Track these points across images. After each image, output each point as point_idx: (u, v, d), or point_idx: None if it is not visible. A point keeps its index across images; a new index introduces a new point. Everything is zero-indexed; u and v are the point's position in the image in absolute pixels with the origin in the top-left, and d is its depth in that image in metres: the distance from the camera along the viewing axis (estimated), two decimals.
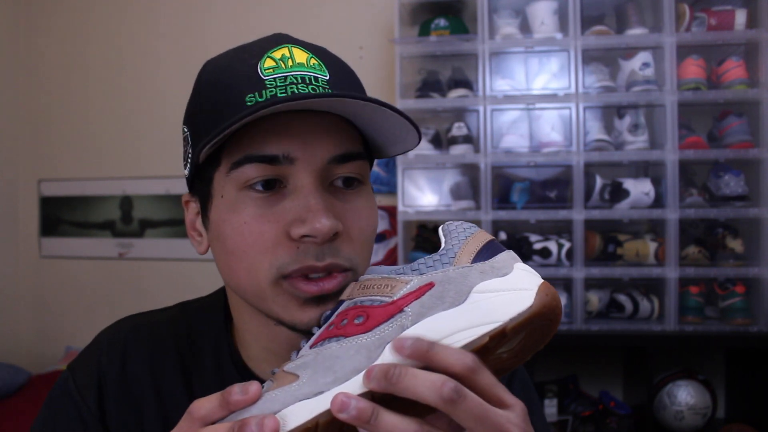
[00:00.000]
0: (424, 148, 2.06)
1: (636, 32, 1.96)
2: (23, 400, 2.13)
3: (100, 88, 2.65)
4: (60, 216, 2.71)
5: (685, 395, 1.91)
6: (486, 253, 0.47)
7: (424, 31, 2.10)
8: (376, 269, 0.49)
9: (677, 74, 1.92)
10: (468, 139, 2.05)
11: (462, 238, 0.48)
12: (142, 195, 2.62)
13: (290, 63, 0.54)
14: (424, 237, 2.08)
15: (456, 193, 2.08)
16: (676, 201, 1.89)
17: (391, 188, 2.33)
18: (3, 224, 2.67)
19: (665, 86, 1.92)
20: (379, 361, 0.43)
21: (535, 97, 2.02)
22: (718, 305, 1.92)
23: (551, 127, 2.01)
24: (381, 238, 2.36)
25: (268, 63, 0.54)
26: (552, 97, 2.00)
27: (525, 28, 2.05)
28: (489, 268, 0.46)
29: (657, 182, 1.94)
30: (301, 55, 0.55)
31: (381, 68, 2.36)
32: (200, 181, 0.58)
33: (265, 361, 0.63)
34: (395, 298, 0.45)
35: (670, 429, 1.94)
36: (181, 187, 2.94)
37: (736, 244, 1.91)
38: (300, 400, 0.42)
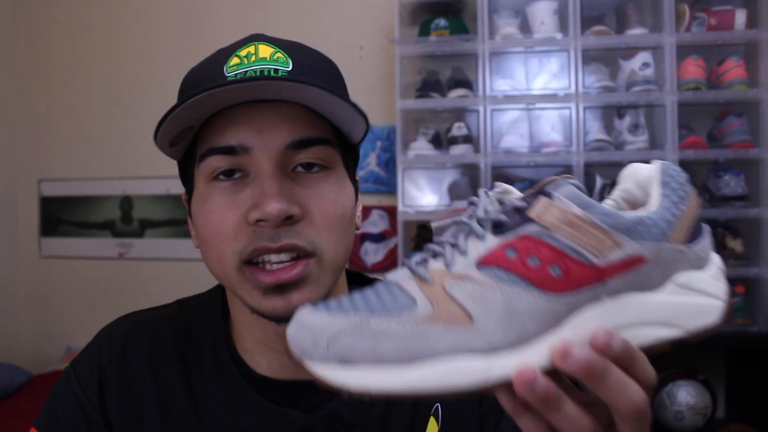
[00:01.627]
0: (424, 148, 2.06)
1: (636, 32, 1.96)
2: (23, 400, 2.13)
3: (100, 88, 2.65)
4: (60, 216, 2.71)
5: (685, 395, 1.91)
6: (696, 229, 0.41)
7: (424, 31, 2.10)
8: (578, 196, 0.38)
9: (677, 74, 1.92)
10: (468, 139, 2.05)
11: (681, 200, 0.40)
12: (142, 195, 2.62)
13: (253, 59, 0.56)
14: (424, 237, 2.08)
15: (454, 193, 2.08)
16: None
17: (390, 188, 2.33)
18: (3, 224, 2.67)
19: (665, 86, 1.91)
20: (566, 332, 0.36)
21: (535, 97, 2.02)
22: None
23: (551, 127, 2.01)
24: (381, 238, 2.36)
25: (234, 61, 0.57)
26: (552, 97, 2.00)
27: (525, 28, 2.05)
28: (695, 258, 0.40)
29: None
30: (265, 51, 0.57)
31: (381, 68, 2.36)
32: (186, 178, 0.62)
33: (259, 354, 0.64)
34: (603, 264, 0.37)
35: (670, 429, 1.94)
36: (181, 187, 2.91)
37: (736, 244, 1.91)
38: (471, 353, 0.35)
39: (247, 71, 0.55)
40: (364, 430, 0.64)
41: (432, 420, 0.66)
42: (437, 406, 0.67)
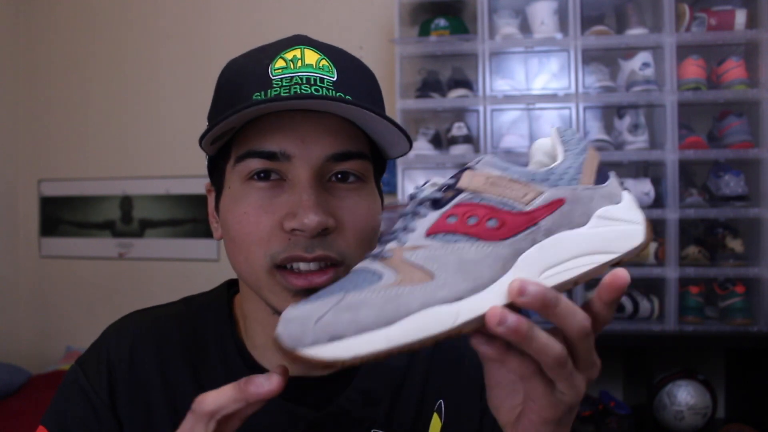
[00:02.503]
0: (424, 148, 2.06)
1: (636, 32, 1.97)
2: (23, 400, 2.13)
3: (101, 88, 2.65)
4: (60, 216, 2.71)
5: (685, 395, 1.91)
6: (601, 173, 0.47)
7: (424, 31, 2.10)
8: (496, 162, 0.45)
9: (677, 74, 1.92)
10: (468, 139, 2.05)
11: (582, 152, 0.47)
12: (142, 195, 2.62)
13: (299, 64, 0.57)
14: None
15: None
16: (676, 201, 1.89)
17: (391, 188, 2.32)
18: (3, 224, 2.67)
19: (665, 86, 1.92)
20: (511, 274, 0.41)
21: (535, 97, 2.02)
22: (718, 305, 1.92)
23: (551, 127, 2.00)
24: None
25: (279, 63, 0.57)
26: (552, 97, 2.00)
27: (525, 28, 2.05)
28: (608, 194, 0.45)
29: (657, 182, 1.94)
30: (311, 56, 0.58)
31: (381, 68, 2.36)
32: (216, 172, 0.62)
33: (271, 350, 0.64)
34: (530, 209, 0.43)
35: (670, 429, 1.94)
36: (181, 187, 2.96)
37: (736, 244, 1.91)
38: (439, 303, 0.39)
39: (293, 77, 0.56)
40: (370, 427, 0.65)
41: (435, 416, 0.67)
42: (440, 402, 0.68)
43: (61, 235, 2.72)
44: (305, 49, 0.58)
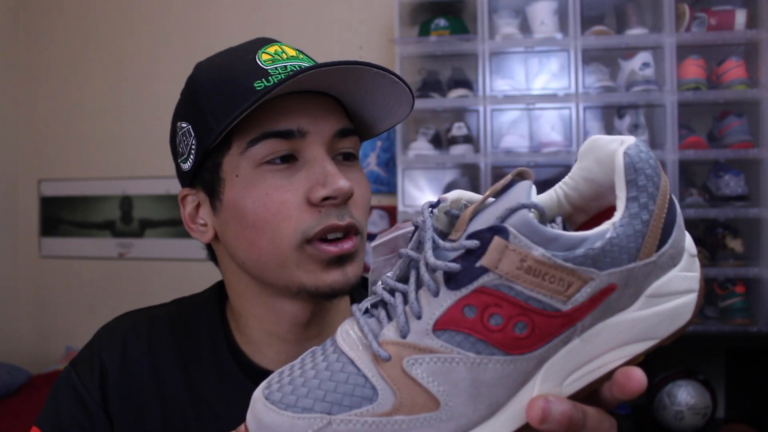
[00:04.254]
0: (424, 148, 2.06)
1: (636, 32, 1.96)
2: (23, 400, 2.13)
3: (100, 88, 2.65)
4: (60, 216, 2.71)
5: (685, 395, 1.91)
6: (668, 223, 0.35)
7: (424, 31, 2.10)
8: (534, 227, 0.33)
9: (677, 74, 1.92)
10: (468, 139, 2.05)
11: (651, 197, 0.34)
12: (142, 195, 2.62)
13: (285, 56, 0.61)
14: None
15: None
16: None
17: (391, 188, 2.33)
18: (3, 224, 2.67)
19: (665, 86, 1.92)
20: (530, 387, 0.34)
21: (535, 97, 2.02)
22: (718, 305, 1.92)
23: (551, 127, 2.01)
24: None
25: (265, 57, 0.60)
26: (552, 97, 2.00)
27: (525, 28, 2.05)
28: (668, 259, 0.35)
29: None
30: (291, 51, 0.62)
31: None
32: (206, 170, 0.62)
33: (267, 345, 0.65)
34: (571, 308, 0.33)
35: (670, 429, 1.94)
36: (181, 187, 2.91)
37: (736, 244, 1.91)
38: None
39: (286, 65, 0.59)
40: None
41: None
42: None
43: (61, 235, 2.72)
44: (283, 45, 0.62)
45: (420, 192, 2.17)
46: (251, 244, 0.59)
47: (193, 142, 0.61)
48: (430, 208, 0.37)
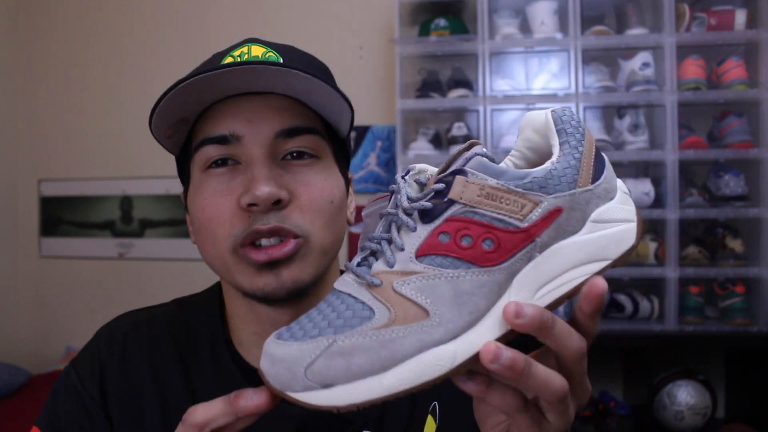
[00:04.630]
0: (424, 148, 2.06)
1: (636, 32, 1.96)
2: (23, 400, 2.13)
3: (100, 88, 2.65)
4: (60, 216, 2.71)
5: (685, 395, 1.91)
6: (598, 164, 0.43)
7: (424, 31, 2.10)
8: (488, 167, 0.41)
9: (677, 74, 1.92)
10: (468, 139, 2.05)
11: (580, 142, 0.43)
12: (142, 195, 2.62)
13: (245, 57, 0.60)
14: None
15: None
16: (676, 201, 1.89)
17: None
18: (3, 224, 2.67)
19: (665, 86, 1.92)
20: (506, 299, 0.39)
21: (535, 97, 2.02)
22: (718, 305, 1.92)
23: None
24: None
25: (227, 60, 0.60)
26: (552, 97, 2.00)
27: (525, 28, 2.05)
28: (603, 191, 0.42)
29: (657, 182, 1.94)
30: (258, 50, 0.60)
31: (381, 68, 2.36)
32: (183, 175, 0.65)
33: (255, 347, 0.64)
34: (527, 225, 0.40)
35: (670, 429, 1.94)
36: (181, 187, 2.91)
37: (736, 244, 1.91)
38: (435, 345, 0.37)
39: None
40: (361, 427, 0.64)
41: (430, 418, 0.67)
42: (435, 404, 0.68)
43: (61, 235, 2.71)
44: (252, 45, 0.61)
45: None
46: (202, 247, 0.61)
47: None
48: (402, 176, 0.44)
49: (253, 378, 0.64)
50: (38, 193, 2.73)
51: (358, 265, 0.41)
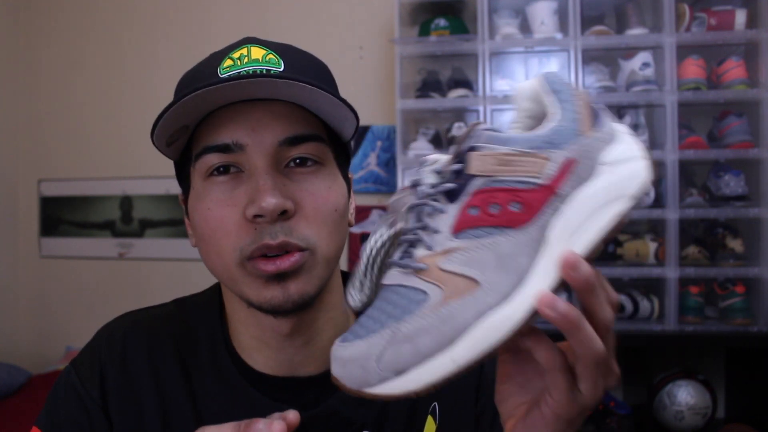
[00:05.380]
0: (424, 148, 2.06)
1: (636, 32, 1.96)
2: (23, 400, 2.13)
3: (100, 88, 2.65)
4: (60, 216, 2.71)
5: (685, 395, 1.91)
6: (594, 114, 0.45)
7: (424, 31, 2.10)
8: (496, 136, 0.43)
9: (677, 74, 1.92)
10: None
11: (571, 96, 0.45)
12: (142, 195, 2.62)
13: (245, 60, 0.58)
14: None
15: None
16: (676, 201, 1.89)
17: (390, 188, 2.33)
18: (3, 224, 2.67)
19: (665, 86, 1.91)
20: (545, 253, 0.41)
21: None
22: (718, 305, 1.92)
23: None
24: None
25: (227, 63, 0.59)
26: None
27: (525, 28, 2.05)
28: (607, 136, 0.44)
29: (657, 182, 1.94)
30: (257, 53, 0.59)
31: (381, 68, 2.36)
32: (182, 179, 0.63)
33: (256, 350, 0.64)
34: (547, 181, 0.41)
35: (670, 429, 1.94)
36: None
37: (736, 244, 1.91)
38: (492, 309, 0.39)
39: (240, 72, 0.57)
40: (361, 428, 0.64)
41: (430, 419, 0.67)
42: (435, 405, 0.67)
43: (61, 235, 2.71)
44: (252, 47, 0.60)
45: None
46: (206, 257, 0.60)
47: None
48: (419, 169, 0.45)
49: (253, 381, 0.64)
50: (38, 193, 2.73)
51: (401, 258, 0.43)
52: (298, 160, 0.58)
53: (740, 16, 1.93)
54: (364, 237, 2.35)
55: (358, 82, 2.35)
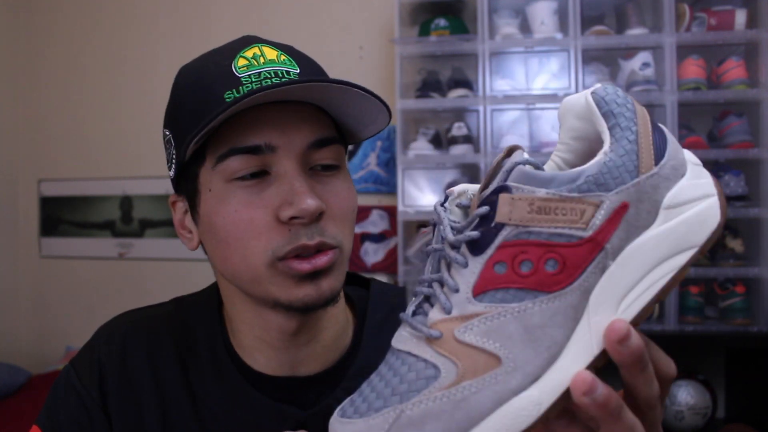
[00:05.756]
0: (424, 148, 2.06)
1: (636, 32, 1.96)
2: (23, 400, 2.13)
3: (100, 88, 2.65)
4: (60, 216, 2.71)
5: (685, 395, 1.91)
6: (657, 140, 0.37)
7: (424, 31, 2.10)
8: (533, 175, 0.35)
9: (677, 74, 1.92)
10: (468, 139, 2.05)
11: (632, 120, 0.36)
12: (142, 195, 2.62)
13: (262, 60, 0.58)
14: None
15: None
16: None
17: (390, 188, 2.33)
18: (3, 224, 2.67)
19: (665, 86, 1.92)
20: (584, 323, 0.34)
21: (535, 97, 2.02)
22: (718, 305, 1.92)
23: (551, 127, 2.01)
24: (381, 238, 2.36)
25: (241, 62, 0.58)
26: (552, 97, 2.00)
27: (525, 28, 2.05)
28: (671, 170, 0.36)
29: None
30: (271, 53, 0.59)
31: (381, 68, 2.36)
32: (186, 180, 0.61)
33: (258, 351, 0.64)
34: (592, 233, 0.34)
35: (670, 429, 1.94)
36: None
37: (736, 244, 1.91)
38: (515, 394, 0.33)
39: (260, 72, 0.57)
40: None
41: None
42: None
43: (61, 235, 2.72)
44: (263, 47, 0.59)
45: (420, 192, 2.17)
46: (225, 259, 0.59)
47: (173, 152, 0.61)
48: (442, 205, 0.39)
49: (252, 381, 0.64)
50: (38, 193, 2.73)
51: (413, 314, 0.37)
52: (322, 165, 0.59)
53: (740, 16, 1.93)
54: (364, 238, 2.35)
55: (358, 82, 2.31)
